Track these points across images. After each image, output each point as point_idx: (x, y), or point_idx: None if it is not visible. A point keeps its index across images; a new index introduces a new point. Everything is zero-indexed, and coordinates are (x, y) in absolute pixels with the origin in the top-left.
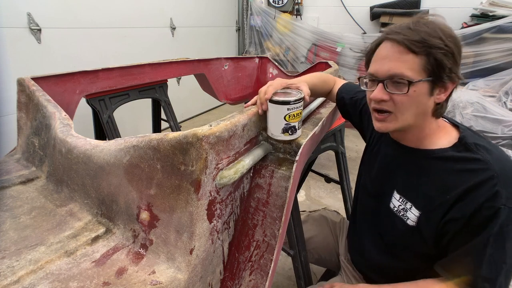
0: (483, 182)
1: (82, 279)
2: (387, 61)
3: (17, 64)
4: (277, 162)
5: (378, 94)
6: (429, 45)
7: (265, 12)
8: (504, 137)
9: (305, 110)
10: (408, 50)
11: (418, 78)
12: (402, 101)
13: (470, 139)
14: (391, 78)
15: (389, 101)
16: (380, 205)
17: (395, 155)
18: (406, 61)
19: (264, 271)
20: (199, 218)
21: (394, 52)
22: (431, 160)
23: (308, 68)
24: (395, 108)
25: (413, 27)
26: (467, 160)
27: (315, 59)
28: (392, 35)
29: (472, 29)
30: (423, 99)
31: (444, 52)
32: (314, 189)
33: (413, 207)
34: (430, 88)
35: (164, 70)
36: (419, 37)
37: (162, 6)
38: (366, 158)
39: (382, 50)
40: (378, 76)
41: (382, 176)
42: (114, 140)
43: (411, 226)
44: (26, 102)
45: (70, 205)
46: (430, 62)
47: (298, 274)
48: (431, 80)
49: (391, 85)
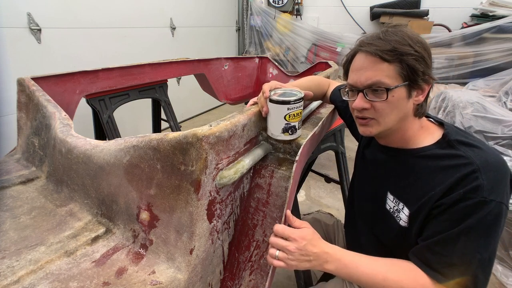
0: (465, 176)
1: (82, 279)
2: (364, 71)
3: (17, 64)
4: (277, 162)
5: (359, 103)
6: (400, 52)
7: (265, 12)
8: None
9: (305, 110)
10: (381, 59)
11: (395, 84)
12: (383, 107)
13: (453, 136)
14: (370, 86)
15: (371, 109)
16: (376, 207)
17: (384, 158)
18: (382, 69)
19: (264, 271)
20: (199, 218)
21: (369, 62)
22: (416, 159)
23: (308, 68)
24: (377, 114)
25: (383, 37)
26: (450, 156)
27: (315, 59)
28: (364, 47)
29: (472, 29)
30: (403, 103)
31: (415, 58)
32: (314, 189)
33: (405, 207)
34: (407, 92)
35: (164, 70)
36: (390, 46)
37: (162, 6)
38: (359, 161)
39: (358, 61)
40: (358, 86)
41: (375, 179)
42: (114, 140)
43: (403, 227)
44: (26, 102)
45: (70, 205)
46: (404, 68)
47: (298, 274)
48: (407, 84)
49: (370, 93)
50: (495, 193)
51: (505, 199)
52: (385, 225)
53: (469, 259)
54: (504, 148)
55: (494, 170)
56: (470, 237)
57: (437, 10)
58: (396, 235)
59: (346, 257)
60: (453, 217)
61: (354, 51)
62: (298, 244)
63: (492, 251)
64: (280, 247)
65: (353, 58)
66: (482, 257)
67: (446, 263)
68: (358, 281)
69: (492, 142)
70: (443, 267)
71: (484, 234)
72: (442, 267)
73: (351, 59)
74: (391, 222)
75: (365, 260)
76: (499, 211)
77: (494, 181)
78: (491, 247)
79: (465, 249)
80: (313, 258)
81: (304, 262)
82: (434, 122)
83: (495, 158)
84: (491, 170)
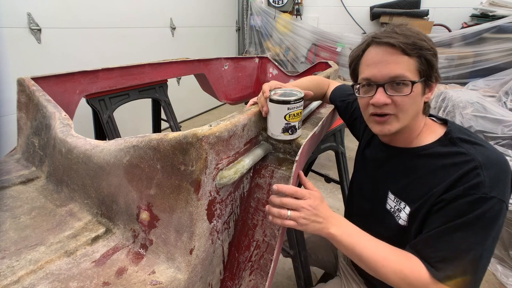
0: (467, 172)
1: (82, 279)
2: (384, 64)
3: (17, 64)
4: (277, 162)
5: (381, 98)
6: (420, 47)
7: (265, 12)
8: (504, 137)
9: (305, 110)
10: (403, 53)
11: (416, 78)
12: (404, 102)
13: (455, 134)
14: (393, 80)
15: (391, 104)
16: (376, 207)
17: (385, 157)
18: (403, 62)
19: (264, 271)
20: (199, 218)
21: (390, 55)
22: (417, 157)
23: (308, 68)
24: (397, 109)
25: (400, 32)
26: (452, 154)
27: (315, 59)
28: (383, 39)
29: (472, 29)
30: (419, 99)
31: (432, 53)
32: None
33: (407, 206)
34: (423, 88)
35: (164, 70)
36: (410, 40)
37: (162, 6)
38: (359, 161)
39: (374, 54)
40: (377, 80)
41: (375, 179)
42: (114, 140)
43: (402, 225)
44: (26, 102)
45: (70, 205)
46: (423, 63)
47: (298, 274)
48: (424, 80)
49: (391, 88)
50: (496, 190)
51: (506, 197)
52: (383, 224)
53: (464, 255)
54: (504, 148)
55: (496, 168)
56: (467, 233)
57: (437, 10)
58: (395, 235)
59: (352, 228)
60: (452, 213)
61: (367, 44)
62: (312, 202)
63: (488, 249)
64: (293, 205)
65: (364, 53)
66: (477, 254)
67: (440, 257)
68: (359, 254)
69: (492, 142)
70: (438, 261)
71: (482, 231)
72: (436, 261)
73: (362, 53)
74: (390, 222)
75: (370, 238)
76: (499, 208)
77: (496, 178)
78: (487, 244)
79: (461, 244)
80: (322, 220)
81: (314, 223)
82: (436, 121)
83: (497, 155)
84: (492, 167)
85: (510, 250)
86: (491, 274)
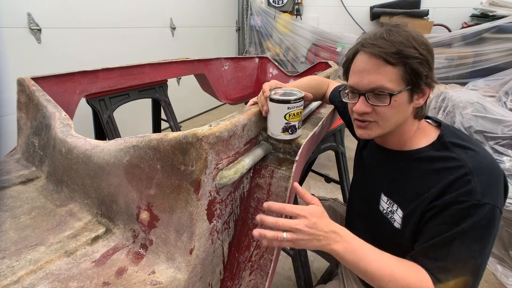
0: (457, 178)
1: (82, 279)
2: (366, 74)
3: (17, 64)
4: (277, 162)
5: (360, 107)
6: (405, 55)
7: (265, 12)
8: (504, 137)
9: (305, 110)
10: (385, 62)
11: (398, 88)
12: (385, 111)
13: (448, 138)
14: (373, 91)
15: (372, 112)
16: (371, 207)
17: (380, 158)
18: (385, 73)
19: (264, 271)
20: (199, 218)
21: (372, 65)
22: (410, 161)
23: (308, 68)
24: (378, 117)
25: (387, 37)
26: (443, 159)
27: (315, 59)
28: (368, 48)
29: (472, 29)
30: (404, 107)
31: (419, 61)
32: (314, 189)
33: (399, 208)
34: (409, 96)
35: (164, 70)
36: (395, 48)
37: (162, 6)
38: (357, 162)
39: (359, 62)
40: (359, 89)
41: (370, 179)
42: (114, 140)
43: (397, 228)
44: (26, 102)
45: (70, 205)
46: (408, 71)
47: (298, 274)
48: (410, 88)
49: (372, 97)
50: (488, 196)
51: (499, 202)
52: (380, 226)
53: (464, 264)
54: (504, 148)
55: (487, 173)
56: (464, 242)
57: (437, 10)
58: (391, 237)
59: (356, 242)
60: (447, 221)
61: (355, 50)
62: (308, 221)
63: (486, 255)
64: (288, 228)
65: (354, 58)
66: (476, 262)
67: (440, 267)
68: (364, 270)
69: (492, 142)
70: (439, 272)
71: (479, 238)
72: (437, 272)
73: (352, 58)
74: (385, 224)
75: (374, 251)
76: (493, 214)
77: (487, 184)
78: (485, 251)
79: (459, 253)
80: (322, 237)
81: (314, 241)
82: (431, 123)
83: (488, 161)
84: (483, 173)
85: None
86: (491, 274)
